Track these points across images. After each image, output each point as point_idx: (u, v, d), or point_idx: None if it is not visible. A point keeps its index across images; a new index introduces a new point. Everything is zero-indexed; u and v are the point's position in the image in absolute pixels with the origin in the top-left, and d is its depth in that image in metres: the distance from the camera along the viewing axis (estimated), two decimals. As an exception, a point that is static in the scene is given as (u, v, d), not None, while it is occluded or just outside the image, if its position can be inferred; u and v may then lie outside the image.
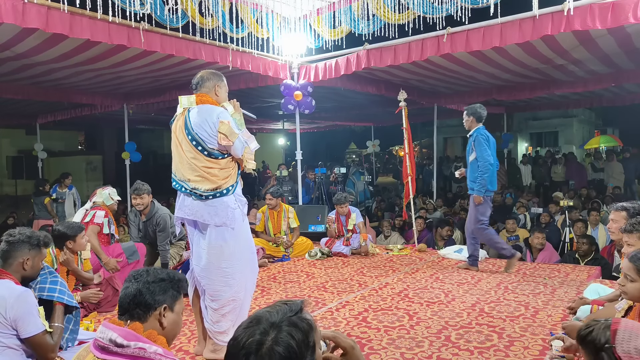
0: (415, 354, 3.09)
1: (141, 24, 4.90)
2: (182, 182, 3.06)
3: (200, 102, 3.09)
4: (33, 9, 4.13)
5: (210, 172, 2.98)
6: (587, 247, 5.61)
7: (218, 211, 2.98)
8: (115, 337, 1.59)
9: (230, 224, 3.01)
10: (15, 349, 2.47)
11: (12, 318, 2.44)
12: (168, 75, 7.31)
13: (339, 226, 6.46)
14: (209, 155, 2.98)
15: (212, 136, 2.95)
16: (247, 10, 6.13)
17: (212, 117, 2.97)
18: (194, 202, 3.01)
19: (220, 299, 3.02)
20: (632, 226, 2.79)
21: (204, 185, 2.98)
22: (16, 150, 15.45)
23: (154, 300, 1.70)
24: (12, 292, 2.50)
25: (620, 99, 10.90)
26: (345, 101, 11.05)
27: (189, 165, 3.01)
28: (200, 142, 2.97)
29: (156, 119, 12.90)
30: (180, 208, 3.09)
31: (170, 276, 1.78)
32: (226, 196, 3.01)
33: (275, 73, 6.84)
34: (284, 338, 1.12)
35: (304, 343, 1.14)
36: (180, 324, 1.81)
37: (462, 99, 9.98)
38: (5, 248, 2.67)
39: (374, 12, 6.07)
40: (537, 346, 3.15)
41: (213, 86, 3.14)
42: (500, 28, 5.02)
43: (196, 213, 3.01)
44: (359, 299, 4.34)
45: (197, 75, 3.19)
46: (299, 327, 1.15)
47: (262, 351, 1.10)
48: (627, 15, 4.32)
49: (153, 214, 5.09)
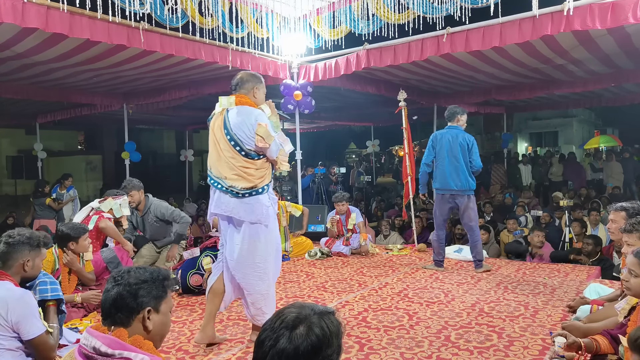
0: (415, 353, 3.09)
1: (141, 23, 4.89)
2: (219, 180, 3.16)
3: (239, 103, 3.19)
4: (33, 9, 4.12)
5: (247, 172, 3.10)
6: (592, 247, 5.60)
7: (254, 209, 3.12)
8: (99, 346, 1.53)
9: (265, 221, 3.16)
10: (14, 350, 2.47)
11: (13, 321, 2.43)
12: (168, 75, 7.31)
13: (338, 226, 6.46)
14: (246, 156, 3.10)
15: (250, 138, 3.07)
16: (246, 10, 6.13)
17: (250, 119, 3.08)
18: (230, 200, 3.12)
19: (254, 293, 3.18)
20: (632, 226, 2.79)
21: (240, 184, 3.10)
22: (16, 150, 15.45)
23: (137, 303, 1.61)
24: (13, 294, 2.49)
25: (619, 99, 10.90)
26: (345, 101, 11.04)
27: (226, 163, 3.12)
28: (238, 143, 3.09)
29: (156, 118, 12.89)
30: (216, 205, 3.19)
31: (153, 276, 1.67)
32: (261, 195, 3.15)
33: (275, 73, 6.84)
34: (320, 323, 1.22)
35: (336, 336, 1.23)
36: (168, 324, 1.72)
37: (462, 99, 9.98)
38: (5, 249, 2.64)
39: (373, 12, 6.07)
40: (536, 346, 3.15)
41: (252, 88, 3.25)
42: (500, 28, 5.02)
43: (232, 210, 3.12)
44: (359, 299, 4.34)
45: (236, 76, 3.30)
46: (333, 322, 1.26)
47: (299, 330, 1.19)
48: (626, 15, 4.32)
49: (149, 206, 5.18)
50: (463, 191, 5.19)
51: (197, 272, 4.59)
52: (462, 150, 5.18)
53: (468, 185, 5.19)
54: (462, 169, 5.17)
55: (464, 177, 5.17)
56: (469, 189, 5.21)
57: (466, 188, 5.19)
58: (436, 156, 5.30)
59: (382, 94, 8.49)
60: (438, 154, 5.28)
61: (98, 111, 10.04)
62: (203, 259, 4.63)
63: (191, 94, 8.33)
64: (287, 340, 1.17)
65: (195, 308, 4.21)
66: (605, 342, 2.35)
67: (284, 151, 3.22)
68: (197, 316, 3.98)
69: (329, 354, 1.20)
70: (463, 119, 5.41)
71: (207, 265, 4.60)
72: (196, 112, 11.55)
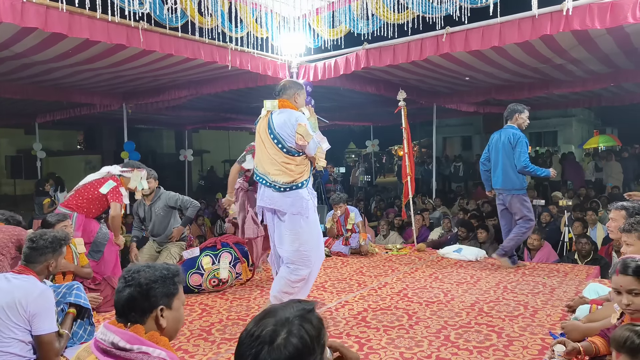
0: (415, 353, 3.09)
1: (140, 23, 4.88)
2: (263, 176, 3.57)
3: (282, 107, 3.59)
4: (32, 8, 4.12)
5: (288, 167, 3.48)
6: (588, 246, 5.61)
7: (294, 202, 3.49)
8: (118, 341, 1.56)
9: (305, 213, 3.53)
10: (25, 343, 2.52)
11: (31, 312, 2.50)
12: (167, 75, 7.31)
13: (337, 226, 6.46)
14: (287, 153, 3.49)
15: (291, 136, 3.45)
16: (246, 9, 6.12)
17: (291, 119, 3.47)
18: (274, 194, 3.52)
19: (298, 276, 3.56)
20: (631, 226, 2.79)
21: (282, 179, 3.48)
22: (15, 149, 15.45)
23: (149, 303, 1.65)
24: (36, 287, 2.59)
25: (619, 98, 10.90)
26: (345, 101, 11.04)
27: (270, 160, 3.52)
28: (280, 141, 3.48)
29: (155, 118, 12.88)
30: (262, 199, 3.61)
31: (164, 274, 1.70)
32: (301, 189, 3.52)
33: (275, 73, 6.83)
34: (298, 331, 1.15)
35: (317, 339, 1.18)
36: (181, 319, 1.76)
37: (461, 98, 9.99)
38: (29, 253, 2.75)
39: (373, 12, 6.06)
40: (536, 346, 3.16)
41: (293, 94, 3.64)
42: (499, 28, 5.02)
43: (275, 203, 3.52)
44: (358, 299, 4.34)
45: (280, 83, 3.74)
46: (312, 324, 1.20)
47: (277, 342, 1.13)
48: (626, 15, 4.31)
49: (159, 195, 5.35)
50: (506, 190, 5.29)
51: (196, 271, 4.59)
52: (504, 149, 5.25)
53: (511, 185, 5.23)
54: (503, 168, 5.26)
55: (505, 175, 5.25)
56: (512, 188, 5.24)
57: (509, 187, 5.25)
58: (489, 156, 5.52)
59: (381, 93, 8.49)
60: (490, 154, 5.50)
61: (97, 111, 10.03)
62: (203, 258, 4.63)
63: (190, 94, 8.33)
64: (267, 354, 1.12)
65: (195, 308, 4.20)
66: (604, 343, 2.36)
67: (321, 149, 3.55)
68: (196, 316, 3.98)
69: (314, 358, 1.16)
70: (522, 117, 5.43)
71: (207, 265, 4.60)
72: (195, 112, 11.55)
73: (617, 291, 2.18)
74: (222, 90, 7.97)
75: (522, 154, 5.14)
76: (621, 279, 2.15)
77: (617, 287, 2.17)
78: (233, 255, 4.74)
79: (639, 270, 2.12)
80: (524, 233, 5.31)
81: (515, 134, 5.26)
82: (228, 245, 4.79)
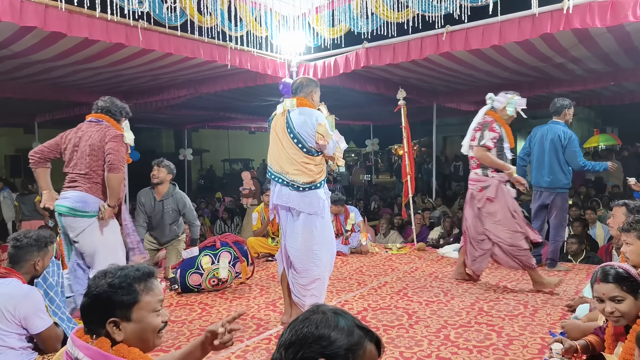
0: (415, 353, 3.09)
1: (139, 22, 4.87)
2: (279, 174, 3.53)
3: (300, 105, 3.56)
4: (31, 7, 4.10)
5: (307, 167, 3.48)
6: (577, 246, 5.59)
7: (312, 201, 3.49)
8: (82, 357, 1.44)
9: (321, 213, 3.53)
10: (16, 349, 2.51)
11: (22, 316, 2.50)
12: (167, 74, 7.29)
13: (337, 225, 6.45)
14: (307, 153, 3.49)
15: (312, 136, 3.46)
16: (245, 8, 6.11)
17: (312, 119, 3.47)
18: (291, 193, 3.49)
19: (309, 277, 3.53)
20: (630, 225, 2.78)
21: (302, 179, 3.47)
22: (14, 149, 15.44)
23: (99, 315, 1.49)
24: (20, 290, 2.58)
25: (619, 97, 10.88)
26: (344, 100, 11.02)
27: (288, 159, 3.49)
28: (300, 140, 3.47)
29: (155, 117, 12.87)
30: (277, 197, 3.56)
31: (120, 281, 1.51)
32: (319, 189, 3.53)
33: (274, 71, 6.82)
34: (337, 319, 1.19)
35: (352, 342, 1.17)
36: (148, 328, 1.55)
37: (461, 97, 9.97)
38: (13, 252, 2.73)
39: (373, 11, 6.05)
40: (536, 345, 3.15)
41: (310, 92, 3.63)
42: (499, 26, 5.01)
43: (292, 201, 3.50)
44: (358, 298, 4.33)
45: (296, 81, 3.72)
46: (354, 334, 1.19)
47: (318, 315, 1.19)
48: (626, 13, 4.30)
49: (172, 193, 5.26)
50: (551, 189, 5.15)
51: (196, 271, 4.59)
52: (553, 146, 5.10)
53: (558, 183, 5.12)
54: (550, 166, 5.11)
55: (552, 174, 5.11)
56: (557, 187, 5.13)
57: (555, 186, 5.13)
58: (531, 151, 5.37)
59: (381, 92, 8.47)
60: (532, 150, 5.35)
61: (97, 110, 9.99)
62: (202, 258, 4.63)
63: (190, 93, 8.31)
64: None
65: (195, 307, 4.20)
66: (598, 341, 2.38)
67: (339, 148, 3.58)
68: (196, 315, 3.98)
69: None
70: (570, 112, 5.28)
71: (206, 264, 4.60)
72: (195, 111, 11.52)
73: (600, 299, 2.18)
74: (222, 90, 7.95)
75: (577, 154, 5.05)
76: (603, 287, 2.15)
77: (600, 296, 2.17)
78: (232, 255, 4.73)
79: (619, 276, 2.11)
80: (561, 234, 5.19)
81: (566, 132, 5.11)
82: (227, 244, 4.78)
